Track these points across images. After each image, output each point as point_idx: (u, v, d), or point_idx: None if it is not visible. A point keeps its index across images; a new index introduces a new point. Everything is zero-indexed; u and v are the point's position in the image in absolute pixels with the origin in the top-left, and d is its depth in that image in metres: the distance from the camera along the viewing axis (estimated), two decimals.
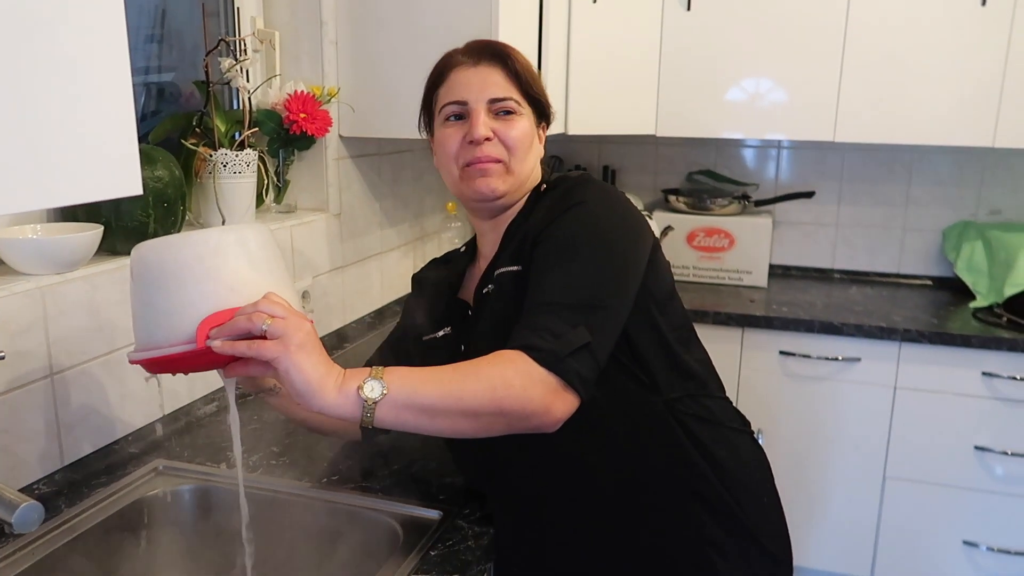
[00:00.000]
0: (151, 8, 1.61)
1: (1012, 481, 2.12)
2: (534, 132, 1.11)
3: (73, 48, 0.65)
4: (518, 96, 1.09)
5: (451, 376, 0.87)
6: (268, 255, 0.90)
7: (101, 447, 1.23)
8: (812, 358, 2.20)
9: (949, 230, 2.54)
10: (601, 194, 1.04)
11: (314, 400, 0.82)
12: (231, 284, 0.85)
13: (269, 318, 0.82)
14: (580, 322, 0.91)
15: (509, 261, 1.04)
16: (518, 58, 1.10)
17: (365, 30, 1.74)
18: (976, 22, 2.13)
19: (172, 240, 0.86)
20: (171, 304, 0.84)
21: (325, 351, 0.86)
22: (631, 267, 1.00)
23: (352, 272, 1.93)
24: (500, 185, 1.08)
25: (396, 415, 0.84)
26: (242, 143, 1.52)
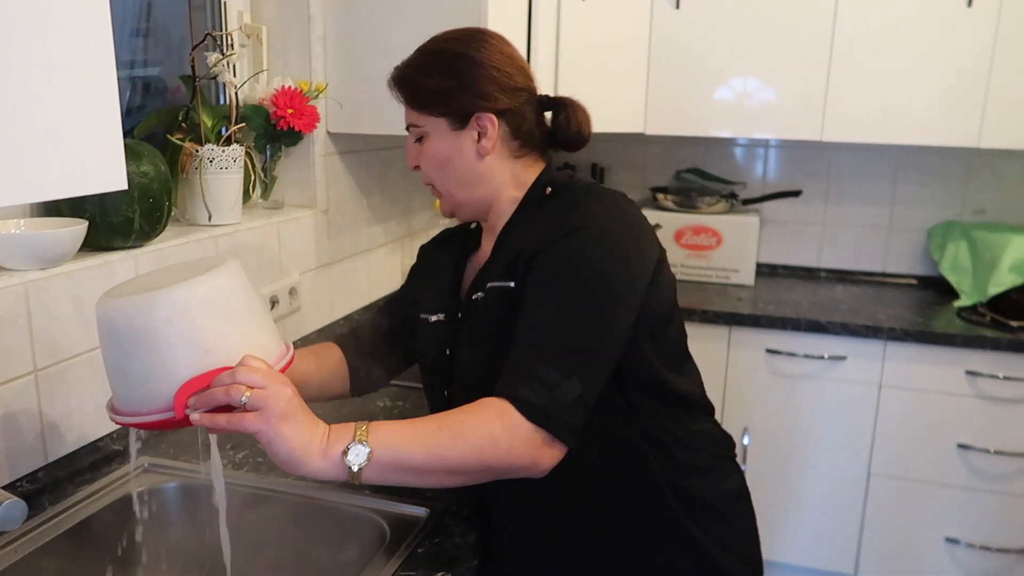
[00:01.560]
0: (137, 2, 1.60)
1: (994, 479, 2.14)
2: (450, 143, 1.04)
3: (57, 42, 0.65)
4: (417, 118, 1.05)
5: (437, 435, 0.85)
6: (241, 301, 0.86)
7: (86, 444, 1.22)
8: (798, 356, 2.21)
9: (934, 229, 2.56)
10: (603, 217, 0.98)
11: (299, 469, 0.81)
12: (206, 345, 0.81)
13: (248, 390, 0.79)
14: (573, 370, 0.89)
15: (502, 273, 1.00)
16: (411, 75, 1.05)
17: (353, 25, 1.74)
18: (962, 23, 2.14)
19: (138, 301, 0.81)
20: (145, 370, 0.81)
21: (307, 409, 0.84)
22: (627, 302, 0.96)
23: (339, 269, 1.93)
24: (445, 207, 1.10)
25: (382, 475, 0.84)
26: (229, 138, 1.51)
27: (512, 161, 1.07)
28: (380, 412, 1.44)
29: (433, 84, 1.03)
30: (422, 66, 1.05)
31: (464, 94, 1.03)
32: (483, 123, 1.03)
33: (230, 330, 0.83)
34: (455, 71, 1.03)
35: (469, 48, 1.04)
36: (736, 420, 2.27)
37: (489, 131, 1.04)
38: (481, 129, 1.04)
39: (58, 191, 0.68)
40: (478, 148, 1.04)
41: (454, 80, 1.03)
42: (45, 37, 0.64)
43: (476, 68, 1.03)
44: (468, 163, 1.05)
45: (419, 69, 1.05)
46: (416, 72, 1.05)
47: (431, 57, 1.06)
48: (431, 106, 1.04)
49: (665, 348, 1.04)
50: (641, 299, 0.97)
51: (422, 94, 1.04)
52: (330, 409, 1.40)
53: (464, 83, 1.02)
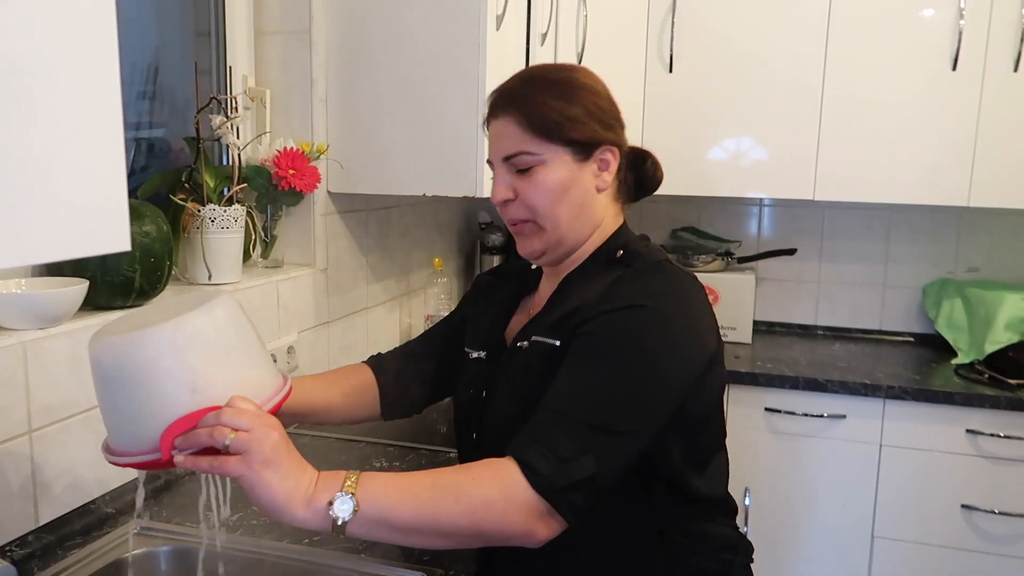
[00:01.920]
0: (144, 65, 1.63)
1: (999, 541, 2.11)
2: (570, 175, 0.97)
3: (66, 104, 0.66)
4: (535, 145, 0.96)
5: (429, 494, 0.81)
6: (231, 338, 0.84)
7: (78, 507, 1.20)
8: (797, 415, 2.20)
9: (929, 287, 2.57)
10: (667, 299, 0.92)
11: (282, 517, 0.78)
12: (192, 384, 0.79)
13: (232, 432, 0.77)
14: (590, 448, 0.83)
15: (550, 329, 0.96)
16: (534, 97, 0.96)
17: (354, 88, 1.78)
18: (947, 85, 2.20)
19: (126, 340, 0.80)
20: (134, 410, 0.80)
21: (296, 454, 0.81)
22: (668, 394, 0.90)
23: (338, 327, 1.93)
24: (536, 245, 1.00)
25: (368, 531, 0.81)
26: (231, 199, 1.53)
27: (612, 203, 1.04)
28: None
29: (562, 109, 0.96)
30: (547, 90, 0.97)
31: (594, 123, 0.97)
32: (606, 156, 1.00)
33: (219, 368, 0.81)
34: (582, 99, 0.98)
35: (588, 78, 1.00)
36: (737, 479, 2.22)
37: (611, 165, 1.00)
38: (603, 162, 1.00)
39: (62, 253, 0.68)
40: (597, 182, 1.00)
41: (582, 108, 0.97)
42: (54, 100, 0.65)
43: (601, 99, 1.00)
44: (584, 196, 0.99)
45: (544, 92, 0.97)
46: (541, 94, 0.97)
47: (554, 83, 0.98)
48: (556, 133, 0.96)
49: (694, 452, 0.98)
50: (684, 394, 0.91)
51: (549, 118, 0.96)
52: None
53: (592, 112, 0.98)
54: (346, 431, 1.60)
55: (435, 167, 1.74)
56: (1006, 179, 2.19)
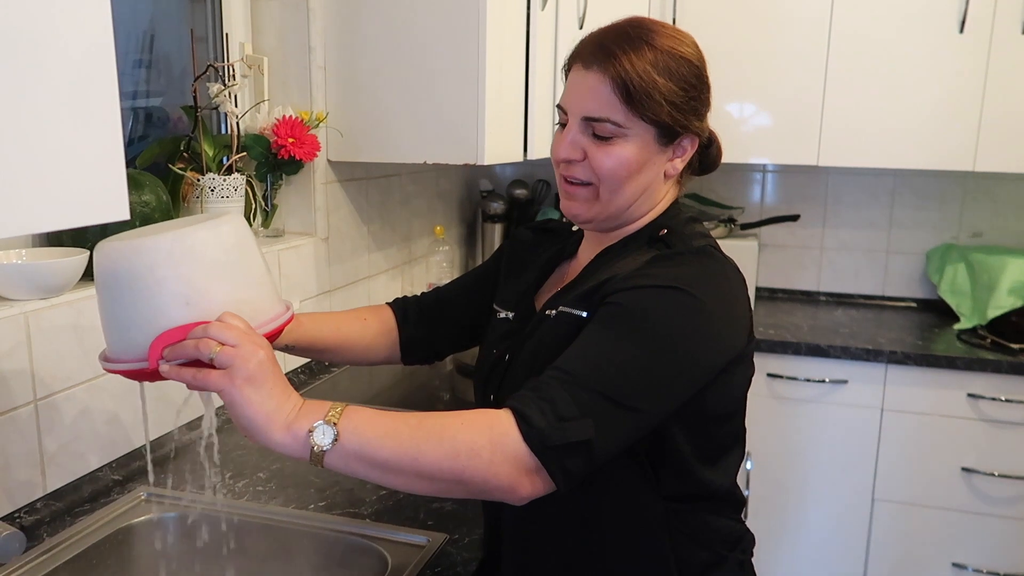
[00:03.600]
0: (139, 33, 1.62)
1: (999, 503, 2.13)
2: (647, 157, 0.93)
3: (61, 73, 0.66)
4: (623, 116, 0.91)
5: (413, 432, 0.79)
6: (232, 256, 0.83)
7: (85, 474, 1.22)
8: (799, 380, 2.20)
9: (932, 252, 2.57)
10: (704, 285, 0.88)
11: (259, 438, 0.77)
12: (186, 297, 0.79)
13: (218, 346, 0.76)
14: (591, 413, 0.80)
15: (579, 299, 0.93)
16: (638, 65, 0.89)
17: (353, 55, 1.76)
18: (954, 48, 2.17)
19: (125, 247, 0.80)
20: (126, 316, 0.80)
21: (282, 378, 0.80)
22: (683, 381, 0.86)
23: (340, 296, 1.93)
24: (583, 212, 0.97)
25: (346, 464, 0.78)
26: (230, 168, 1.52)
27: (673, 185, 1.01)
28: None
29: (665, 89, 0.91)
30: (655, 61, 0.91)
31: (689, 112, 0.94)
32: (685, 144, 0.96)
33: (215, 285, 0.81)
34: (687, 80, 0.93)
35: (697, 54, 0.96)
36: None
37: (687, 153, 0.97)
38: (680, 149, 0.96)
39: (61, 222, 0.68)
40: (667, 167, 0.96)
41: (684, 91, 0.92)
42: (49, 69, 0.65)
43: (704, 86, 0.96)
44: (652, 179, 0.96)
45: (652, 63, 0.90)
46: (648, 64, 0.90)
47: (664, 54, 0.91)
48: (651, 111, 0.91)
49: (707, 445, 0.96)
50: (702, 383, 0.88)
51: (649, 94, 0.90)
52: None
53: (692, 97, 0.93)
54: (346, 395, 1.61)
55: (435, 135, 1.72)
56: (1012, 143, 2.17)
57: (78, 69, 0.67)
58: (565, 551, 0.97)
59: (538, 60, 1.96)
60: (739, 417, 1.00)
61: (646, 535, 0.95)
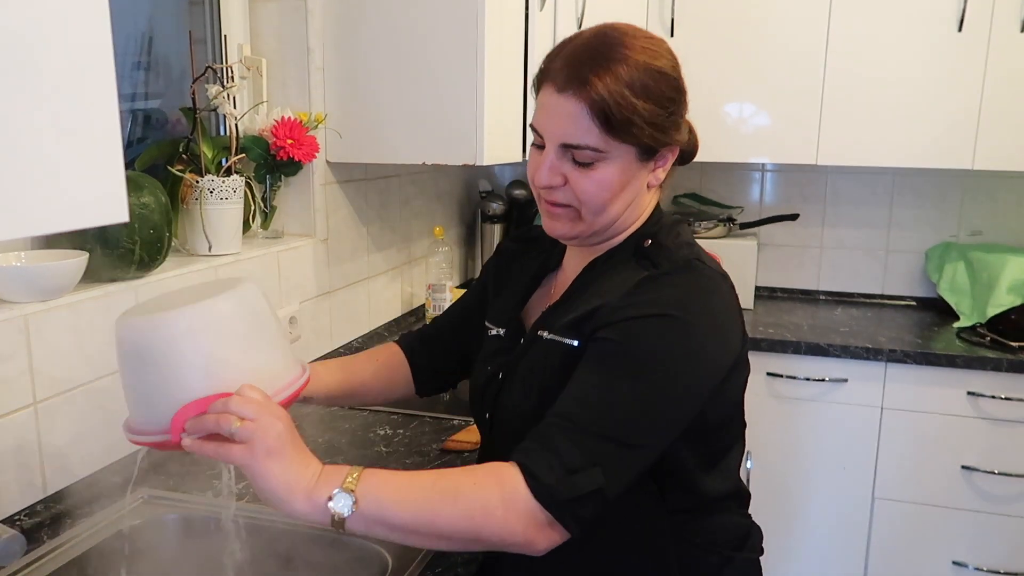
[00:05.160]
0: (138, 35, 1.62)
1: (1000, 501, 2.13)
2: (630, 175, 0.92)
3: (59, 75, 0.65)
4: (602, 142, 0.88)
5: (428, 495, 0.80)
6: (248, 325, 0.84)
7: (85, 477, 1.21)
8: (799, 379, 2.20)
9: (931, 251, 2.57)
10: (693, 305, 0.87)
11: (283, 508, 0.78)
12: (206, 369, 0.80)
13: (238, 420, 0.77)
14: (598, 460, 0.81)
15: (569, 327, 0.92)
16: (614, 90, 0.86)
17: (351, 56, 1.76)
18: (953, 47, 2.17)
19: (144, 322, 0.82)
20: (147, 390, 0.82)
21: (301, 446, 0.81)
22: (685, 408, 0.87)
23: (339, 297, 1.93)
24: (567, 231, 0.95)
25: (366, 528, 0.80)
26: (229, 169, 1.52)
27: (655, 191, 0.99)
28: (380, 440, 1.44)
29: (645, 111, 0.88)
30: (631, 81, 0.87)
31: (669, 127, 0.91)
32: (666, 154, 0.95)
33: (234, 355, 0.82)
34: (665, 95, 0.90)
35: (672, 62, 0.93)
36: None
37: (668, 162, 0.95)
38: (662, 160, 0.95)
39: (59, 224, 0.68)
40: (649, 179, 0.95)
41: (665, 110, 0.90)
42: (47, 71, 0.64)
43: (681, 94, 0.94)
44: (636, 192, 0.95)
45: (627, 83, 0.87)
46: (624, 86, 0.87)
47: (641, 71, 0.88)
48: (631, 135, 0.89)
49: (709, 451, 0.96)
50: (704, 402, 0.89)
51: (628, 119, 0.87)
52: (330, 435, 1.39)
53: (671, 114, 0.91)
54: None
55: (434, 135, 1.73)
56: (1011, 142, 2.18)
57: (76, 71, 0.67)
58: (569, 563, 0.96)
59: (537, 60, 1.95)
60: (738, 417, 1.00)
61: (652, 545, 0.95)
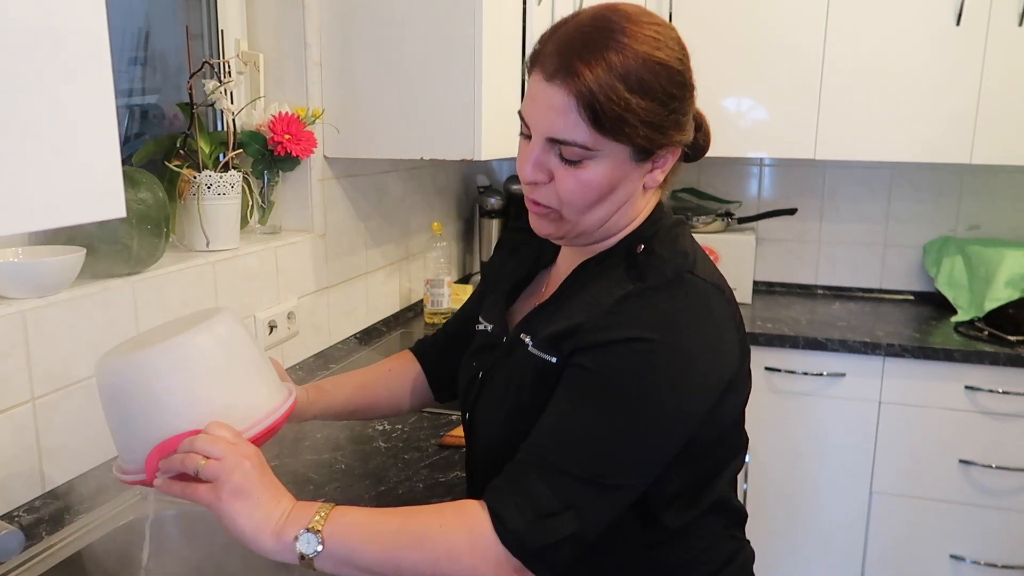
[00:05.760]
0: (135, 30, 1.61)
1: (997, 494, 2.13)
2: (622, 175, 0.84)
3: (56, 71, 0.65)
4: (591, 139, 0.80)
5: (395, 538, 0.77)
6: (221, 361, 0.83)
7: (83, 472, 1.21)
8: (797, 374, 2.21)
9: (929, 245, 2.57)
10: (681, 327, 0.80)
11: (252, 547, 0.76)
12: (176, 408, 0.79)
13: (204, 460, 0.76)
14: (573, 502, 0.76)
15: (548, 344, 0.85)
16: (606, 83, 0.77)
17: (349, 51, 1.75)
18: (951, 41, 2.17)
19: (118, 362, 0.81)
20: (124, 429, 0.82)
21: (270, 483, 0.79)
22: (669, 441, 0.81)
23: (338, 292, 1.93)
24: (552, 231, 0.89)
25: (334, 568, 0.77)
26: (226, 164, 1.52)
27: (656, 191, 0.92)
28: (379, 435, 1.44)
29: (640, 108, 0.79)
30: (626, 75, 0.78)
31: (668, 127, 0.83)
32: (665, 156, 0.86)
33: (205, 392, 0.81)
34: (665, 90, 0.81)
35: (677, 52, 0.83)
36: None
37: (668, 163, 0.87)
38: (661, 161, 0.87)
39: (57, 220, 0.68)
40: (646, 180, 0.87)
41: (664, 108, 0.81)
42: (44, 66, 0.64)
43: (688, 93, 0.85)
44: (628, 194, 0.87)
45: (622, 77, 0.78)
46: (618, 79, 0.78)
47: (640, 62, 0.79)
48: (623, 133, 0.80)
49: (691, 475, 0.89)
50: (692, 432, 0.82)
51: (622, 118, 0.79)
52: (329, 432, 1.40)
53: (672, 112, 0.82)
54: None
55: (432, 130, 1.72)
56: (1010, 136, 2.18)
57: (73, 66, 0.67)
58: None
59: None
60: (733, 437, 0.94)
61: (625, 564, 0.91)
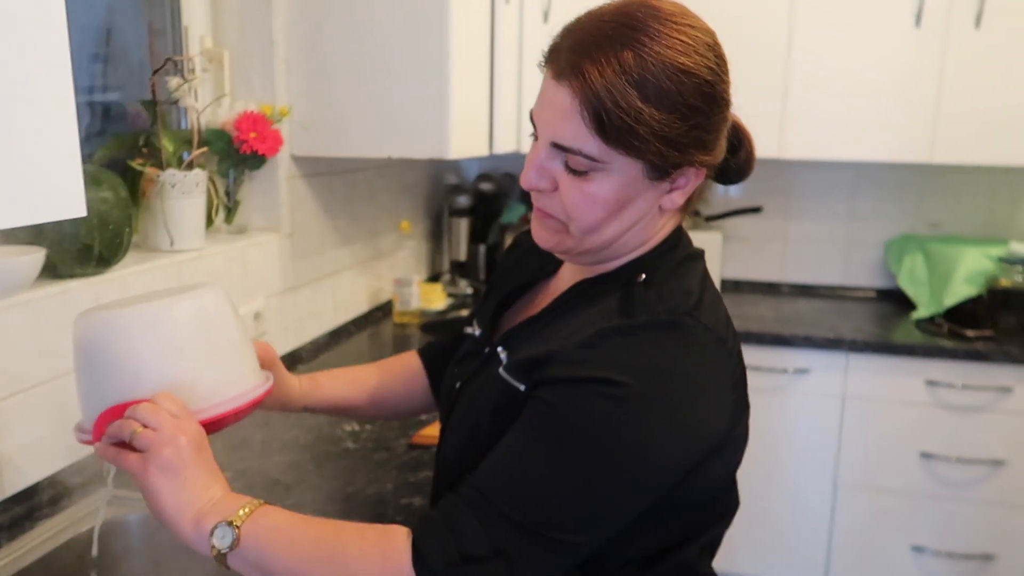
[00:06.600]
0: (96, 26, 1.58)
1: (957, 486, 2.18)
2: (634, 193, 0.75)
3: (13, 66, 0.64)
4: (598, 149, 0.72)
5: (309, 553, 0.73)
6: (195, 333, 0.81)
7: (44, 478, 1.19)
8: (763, 370, 2.24)
9: (891, 243, 2.62)
10: (661, 378, 0.71)
11: (170, 530, 0.73)
12: (137, 373, 0.77)
13: (140, 427, 0.73)
14: (505, 550, 0.69)
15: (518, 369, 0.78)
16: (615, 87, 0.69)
17: (316, 49, 1.74)
18: (911, 42, 2.21)
19: (95, 318, 0.80)
20: (87, 386, 0.80)
21: (206, 467, 0.75)
22: (631, 499, 0.73)
23: (306, 292, 1.91)
24: (554, 243, 0.81)
25: (245, 569, 0.73)
26: (191, 163, 1.50)
27: (675, 213, 0.82)
28: (348, 436, 1.43)
29: (659, 121, 0.71)
30: (642, 82, 0.70)
31: (689, 144, 0.73)
32: (687, 176, 0.77)
33: (167, 362, 0.79)
34: (689, 109, 0.72)
35: (714, 73, 0.75)
36: None
37: (690, 184, 0.78)
38: (679, 183, 0.77)
39: (15, 219, 0.67)
40: (663, 201, 0.78)
41: (685, 122, 0.72)
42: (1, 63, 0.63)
43: (717, 108, 0.75)
44: (641, 213, 0.78)
45: (639, 86, 0.70)
46: (634, 90, 0.70)
47: (664, 75, 0.70)
48: (633, 147, 0.72)
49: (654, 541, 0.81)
50: (659, 492, 0.74)
51: (632, 130, 0.70)
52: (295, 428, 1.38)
53: (694, 128, 0.73)
54: None
55: (401, 129, 1.71)
56: (968, 135, 2.22)
57: (31, 62, 0.65)
58: None
59: (503, 53, 1.95)
60: (716, 501, 0.86)
61: None
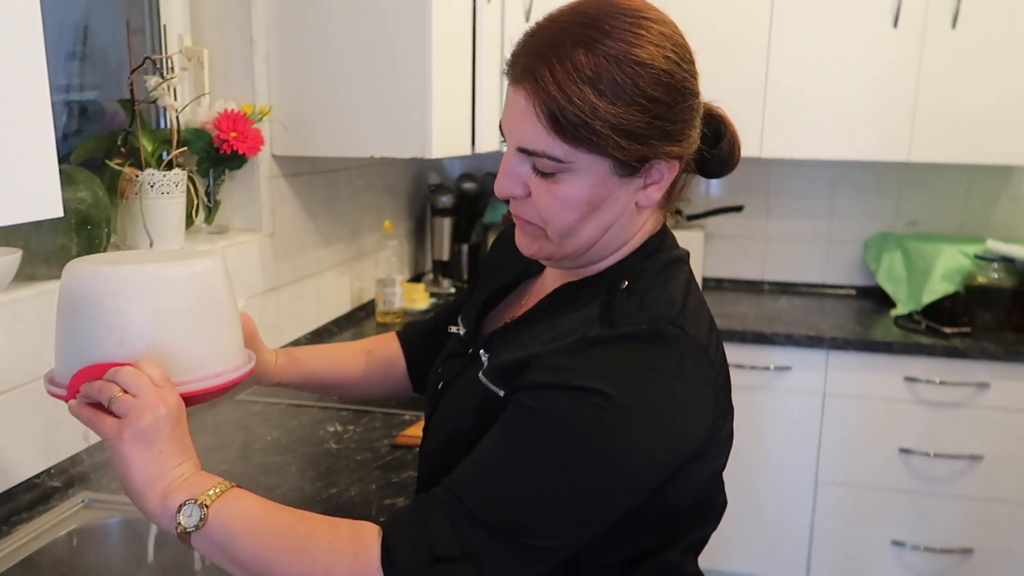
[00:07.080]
0: (72, 24, 1.56)
1: (935, 481, 2.21)
2: (605, 192, 0.74)
3: None
4: (560, 150, 0.71)
5: (278, 541, 0.71)
6: (186, 302, 0.79)
7: (22, 481, 1.17)
8: (745, 368, 2.25)
9: (870, 241, 2.65)
10: (643, 388, 0.70)
11: (136, 503, 0.72)
12: (122, 336, 0.75)
13: (120, 391, 0.72)
14: (475, 552, 0.68)
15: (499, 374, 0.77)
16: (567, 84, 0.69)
17: (297, 47, 1.73)
18: (889, 42, 2.23)
19: (87, 270, 0.77)
20: (66, 338, 0.78)
21: (180, 441, 0.73)
22: (606, 507, 0.72)
23: (287, 292, 1.90)
24: (535, 249, 0.80)
25: (209, 551, 0.72)
26: (170, 163, 1.49)
27: (656, 211, 0.82)
28: (331, 437, 1.42)
29: (615, 115, 0.70)
30: (596, 77, 0.69)
31: (651, 136, 0.72)
32: (660, 170, 0.76)
33: (155, 329, 0.77)
34: (648, 100, 0.71)
35: (671, 62, 0.73)
36: None
37: (664, 179, 0.77)
38: (653, 177, 0.76)
39: None
40: (639, 197, 0.77)
41: (644, 113, 0.71)
42: None
43: (680, 97, 0.74)
44: (617, 212, 0.77)
45: (592, 81, 0.69)
46: (587, 85, 0.69)
47: (618, 68, 0.69)
48: (593, 144, 0.71)
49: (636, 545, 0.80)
50: (637, 499, 0.73)
51: (587, 124, 0.69)
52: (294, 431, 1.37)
53: (656, 118, 0.72)
54: (298, 396, 1.59)
55: (382, 128, 1.71)
56: (945, 134, 2.25)
57: (4, 61, 0.64)
58: None
59: (485, 52, 1.95)
60: (700, 504, 0.85)
61: None
